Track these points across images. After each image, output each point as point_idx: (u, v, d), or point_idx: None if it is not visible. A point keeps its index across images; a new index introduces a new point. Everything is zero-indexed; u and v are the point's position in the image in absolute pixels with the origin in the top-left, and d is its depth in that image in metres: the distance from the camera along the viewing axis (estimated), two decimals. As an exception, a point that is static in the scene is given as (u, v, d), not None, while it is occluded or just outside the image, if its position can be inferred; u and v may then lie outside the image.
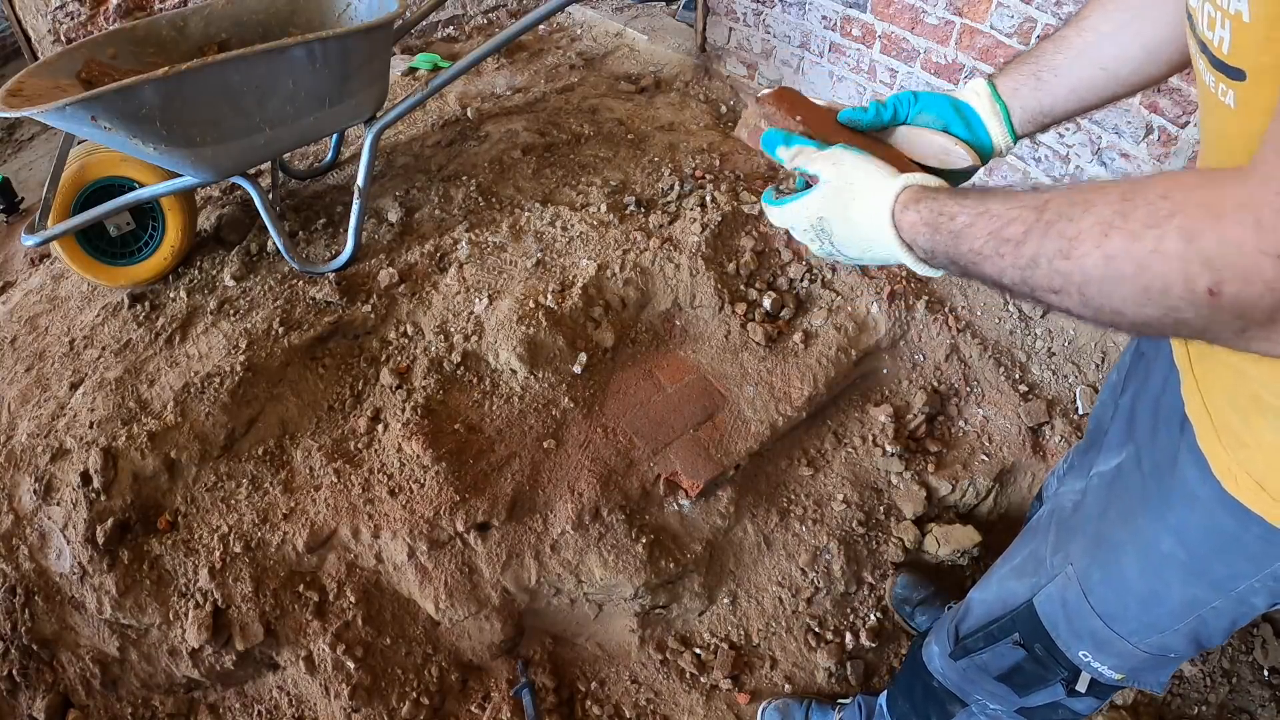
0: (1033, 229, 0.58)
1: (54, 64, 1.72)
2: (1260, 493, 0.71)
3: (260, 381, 1.75)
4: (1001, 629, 1.04)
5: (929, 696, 1.23)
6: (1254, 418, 0.69)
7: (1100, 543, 0.91)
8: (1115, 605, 0.90)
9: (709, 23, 2.83)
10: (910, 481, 1.90)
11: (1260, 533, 0.72)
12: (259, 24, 2.03)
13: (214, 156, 1.70)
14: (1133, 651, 0.90)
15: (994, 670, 1.07)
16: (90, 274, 1.89)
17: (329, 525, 1.62)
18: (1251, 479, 0.71)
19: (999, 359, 2.08)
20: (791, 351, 1.95)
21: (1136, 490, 0.88)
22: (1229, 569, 0.78)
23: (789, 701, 1.63)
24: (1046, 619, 0.98)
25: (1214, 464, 0.75)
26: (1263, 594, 0.78)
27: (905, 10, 2.14)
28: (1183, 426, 0.80)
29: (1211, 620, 0.83)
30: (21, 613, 1.53)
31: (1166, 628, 0.86)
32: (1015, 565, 1.06)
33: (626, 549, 1.65)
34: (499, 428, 1.74)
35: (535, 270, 1.97)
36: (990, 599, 1.08)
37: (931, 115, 0.91)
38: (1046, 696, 1.04)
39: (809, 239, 0.80)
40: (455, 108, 2.66)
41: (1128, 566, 0.87)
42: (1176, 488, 0.81)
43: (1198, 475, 0.77)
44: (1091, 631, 0.93)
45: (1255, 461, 0.71)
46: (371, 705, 1.55)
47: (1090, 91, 0.87)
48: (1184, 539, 0.81)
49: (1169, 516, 0.82)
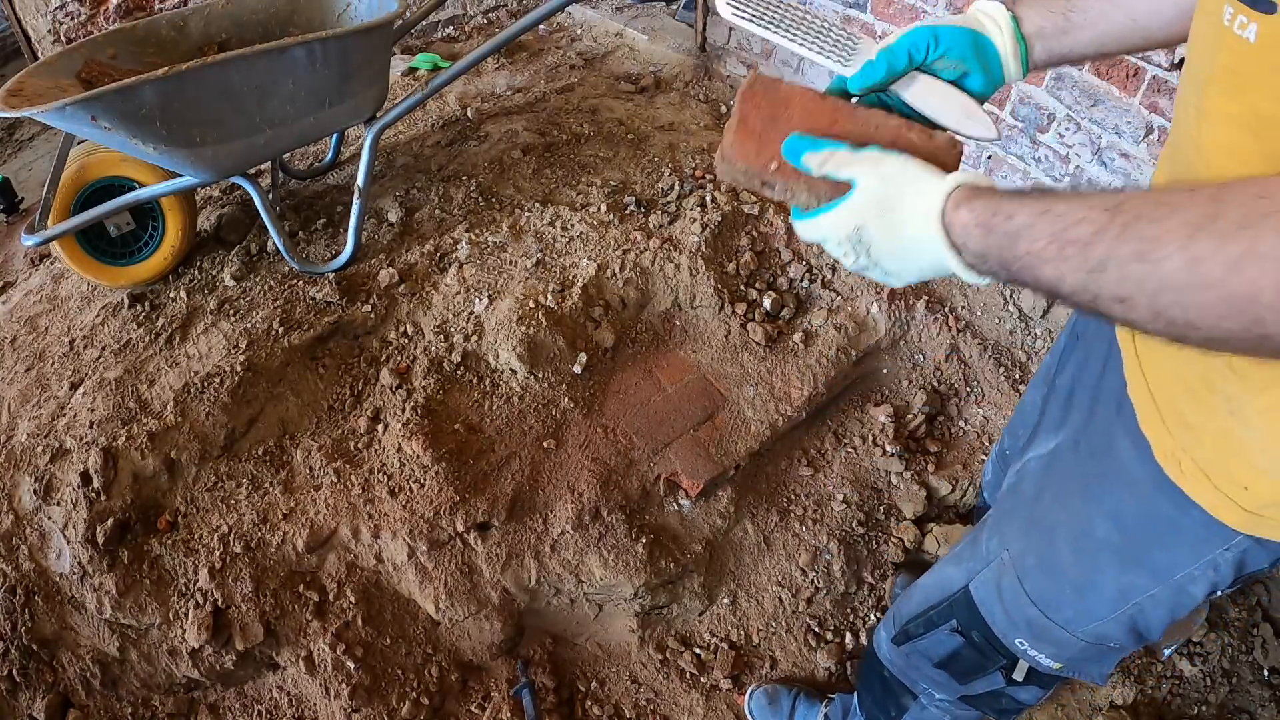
0: (1105, 230, 0.53)
1: (54, 64, 1.72)
2: (1204, 480, 0.69)
3: (260, 381, 1.75)
4: (940, 615, 1.03)
5: (885, 689, 1.23)
6: (1205, 398, 0.67)
7: (1035, 527, 0.90)
8: (1050, 592, 0.88)
9: (709, 22, 2.83)
10: (910, 481, 1.90)
11: (1200, 519, 0.71)
12: (259, 24, 2.03)
13: (214, 156, 1.70)
14: (1070, 640, 0.89)
15: (934, 657, 1.06)
16: (90, 274, 1.89)
17: (329, 525, 1.62)
18: (1196, 465, 0.69)
19: (999, 359, 2.08)
20: (791, 351, 1.95)
21: (1072, 473, 0.86)
22: (1167, 556, 0.76)
23: (778, 688, 1.63)
24: (983, 606, 0.96)
25: (1156, 447, 0.73)
26: (1201, 583, 0.76)
27: (905, 10, 2.13)
28: (1120, 407, 0.78)
29: (1150, 609, 0.81)
30: (21, 613, 1.53)
31: (1103, 616, 0.84)
32: (956, 552, 1.05)
33: (626, 549, 1.65)
34: (499, 428, 1.74)
35: (535, 270, 1.97)
36: (929, 584, 1.07)
37: (954, 60, 0.81)
38: (987, 685, 1.03)
39: (843, 252, 0.71)
40: (455, 108, 2.66)
41: (1062, 551, 0.86)
42: (1112, 471, 0.79)
43: (1136, 458, 0.75)
44: (1028, 620, 0.91)
45: (1202, 446, 0.69)
46: (371, 705, 1.54)
47: (1114, 41, 0.82)
48: (1120, 523, 0.79)
49: (1104, 500, 0.80)
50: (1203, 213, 0.49)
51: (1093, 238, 0.53)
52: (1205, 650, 1.73)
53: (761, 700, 1.61)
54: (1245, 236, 0.46)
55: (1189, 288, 0.49)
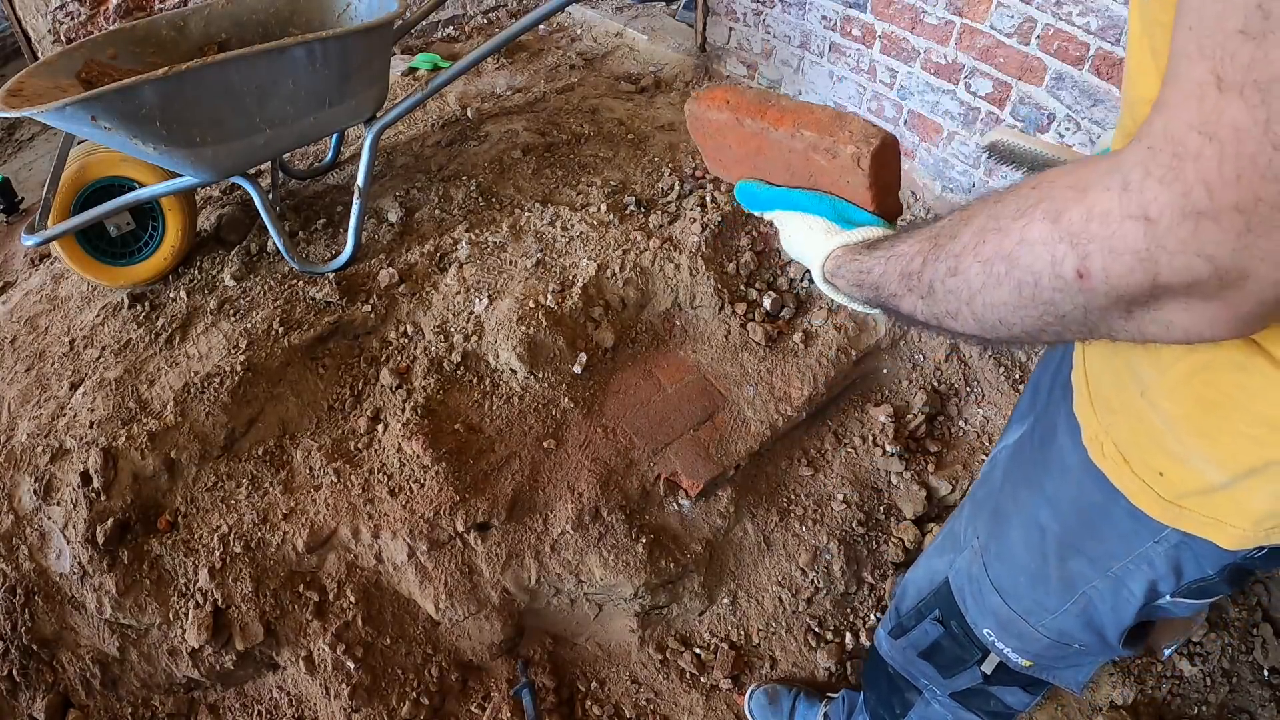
0: (928, 256, 0.56)
1: (54, 64, 1.72)
2: (1123, 465, 0.69)
3: (260, 381, 1.75)
4: (927, 605, 1.04)
5: (890, 686, 1.23)
6: (1123, 378, 0.67)
7: (996, 515, 0.91)
8: (1008, 580, 0.89)
9: (709, 23, 2.83)
10: (910, 481, 1.90)
11: (1126, 508, 0.70)
12: (259, 24, 2.03)
13: (214, 156, 1.70)
14: (1033, 635, 0.89)
15: (919, 647, 1.07)
16: (90, 274, 1.89)
17: (329, 525, 1.62)
18: (1117, 449, 0.69)
19: (999, 359, 2.08)
20: (791, 351, 1.95)
21: (1026, 460, 0.86)
22: (1100, 546, 0.76)
23: (778, 687, 1.63)
24: (957, 594, 0.97)
25: (1085, 431, 0.73)
26: (1138, 579, 0.74)
27: (905, 10, 2.13)
28: (1065, 392, 0.78)
29: (1098, 603, 0.80)
30: (21, 613, 1.53)
31: (1056, 608, 0.84)
32: (938, 543, 1.06)
33: (626, 549, 1.65)
34: (499, 428, 1.74)
35: (535, 270, 1.97)
36: (919, 577, 1.08)
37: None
38: (968, 680, 1.03)
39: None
40: (455, 108, 2.66)
41: (1015, 539, 0.86)
42: (1053, 456, 0.79)
43: (1070, 443, 0.75)
44: (993, 609, 0.92)
45: (1120, 428, 0.68)
46: (371, 705, 1.54)
47: None
48: (1057, 510, 0.79)
49: (1046, 486, 0.80)
50: (989, 214, 0.51)
51: (921, 266, 0.57)
52: (1205, 650, 1.73)
53: (761, 700, 1.61)
54: (1017, 227, 0.47)
55: (987, 288, 0.50)
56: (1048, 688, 1.03)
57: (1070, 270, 0.44)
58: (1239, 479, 0.61)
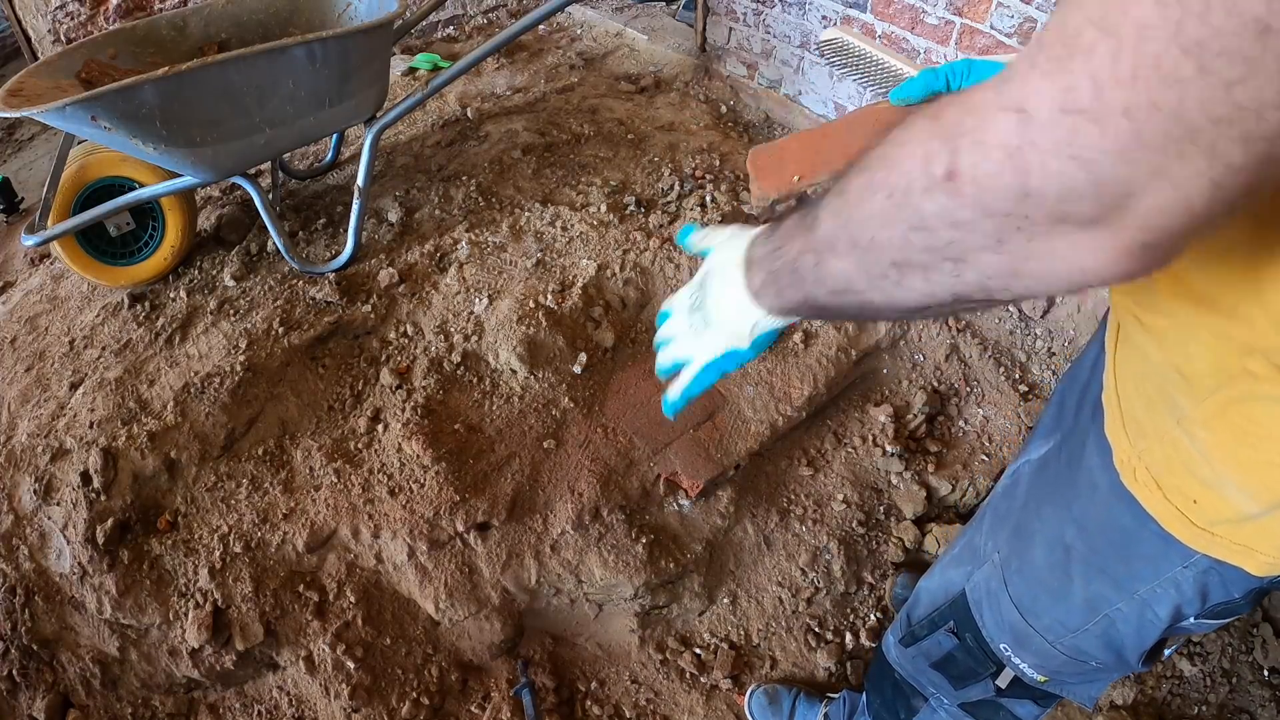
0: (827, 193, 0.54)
1: (54, 64, 1.72)
2: (1155, 490, 0.68)
3: (260, 381, 1.75)
4: (941, 616, 1.03)
5: (896, 691, 1.23)
6: (1158, 404, 0.66)
7: (1019, 531, 0.90)
8: (1028, 597, 0.88)
9: (709, 23, 2.83)
10: (910, 481, 1.90)
11: (1156, 532, 0.69)
12: (259, 24, 2.03)
13: (214, 156, 1.70)
14: (1050, 651, 0.88)
15: (931, 657, 1.06)
16: (90, 274, 1.89)
17: (329, 525, 1.62)
18: (1149, 474, 0.68)
19: (999, 359, 2.08)
20: (791, 351, 1.95)
21: (1053, 479, 0.86)
22: (1127, 568, 0.75)
23: (778, 688, 1.63)
24: (974, 608, 0.97)
25: (1116, 453, 0.72)
26: (1165, 602, 0.74)
27: (905, 10, 2.13)
28: (1095, 412, 0.78)
29: (1121, 624, 0.80)
30: (21, 613, 1.53)
31: (1077, 627, 0.84)
32: (955, 554, 1.05)
33: (626, 549, 1.65)
34: (499, 428, 1.74)
35: (535, 270, 1.97)
36: (934, 587, 1.08)
37: None
38: (980, 692, 1.03)
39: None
40: (455, 108, 2.66)
41: (1038, 556, 0.86)
42: (1082, 476, 0.79)
43: (1100, 464, 0.75)
44: (1011, 624, 0.91)
45: (1154, 453, 0.68)
46: (371, 705, 1.54)
47: None
48: (1084, 530, 0.78)
49: (1073, 506, 0.80)
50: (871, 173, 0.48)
51: (817, 203, 0.54)
52: (1205, 650, 1.73)
53: (761, 700, 1.61)
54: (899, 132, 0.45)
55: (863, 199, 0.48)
56: (1059, 700, 1.03)
57: (940, 168, 0.41)
58: (1271, 509, 0.61)
